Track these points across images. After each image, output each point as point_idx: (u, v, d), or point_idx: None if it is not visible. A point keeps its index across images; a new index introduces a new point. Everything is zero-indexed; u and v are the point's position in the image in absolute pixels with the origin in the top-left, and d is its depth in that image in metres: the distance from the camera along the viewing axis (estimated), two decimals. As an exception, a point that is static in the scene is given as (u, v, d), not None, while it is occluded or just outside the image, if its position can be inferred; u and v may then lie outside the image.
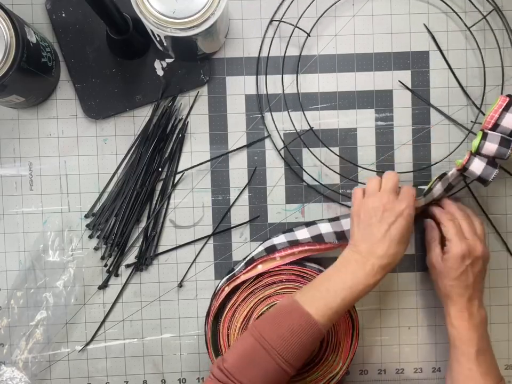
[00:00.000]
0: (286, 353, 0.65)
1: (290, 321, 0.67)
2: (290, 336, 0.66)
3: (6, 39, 0.67)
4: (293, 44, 0.82)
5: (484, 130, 0.75)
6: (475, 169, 0.75)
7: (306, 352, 0.67)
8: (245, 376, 0.65)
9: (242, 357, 0.66)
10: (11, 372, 0.81)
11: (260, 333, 0.67)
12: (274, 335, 0.66)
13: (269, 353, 0.65)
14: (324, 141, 0.83)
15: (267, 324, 0.68)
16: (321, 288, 0.69)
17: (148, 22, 0.68)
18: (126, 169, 0.82)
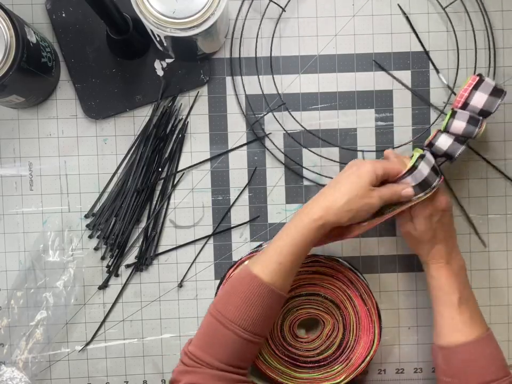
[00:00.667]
0: (243, 321, 0.65)
1: (241, 288, 0.66)
2: (243, 303, 0.65)
3: (6, 39, 0.67)
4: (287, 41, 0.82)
5: (454, 109, 0.74)
6: (441, 145, 0.73)
7: (267, 316, 0.67)
8: (208, 354, 0.65)
9: (202, 336, 0.67)
10: (11, 372, 0.81)
11: (216, 308, 0.67)
12: (228, 307, 0.66)
13: (226, 326, 0.65)
14: (323, 141, 0.83)
15: (222, 297, 0.68)
16: (269, 247, 0.68)
17: (147, 22, 0.68)
18: (126, 169, 0.82)
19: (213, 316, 0.67)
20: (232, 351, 0.66)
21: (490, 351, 0.72)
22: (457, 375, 0.71)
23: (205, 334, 0.67)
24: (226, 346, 0.66)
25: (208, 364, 0.65)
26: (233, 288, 0.67)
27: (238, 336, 0.65)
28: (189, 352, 0.66)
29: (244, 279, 0.67)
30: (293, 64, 0.82)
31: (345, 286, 0.78)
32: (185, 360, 0.67)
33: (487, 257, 0.84)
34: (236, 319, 0.65)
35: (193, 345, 0.67)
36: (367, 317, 0.78)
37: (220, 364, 0.65)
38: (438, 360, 0.74)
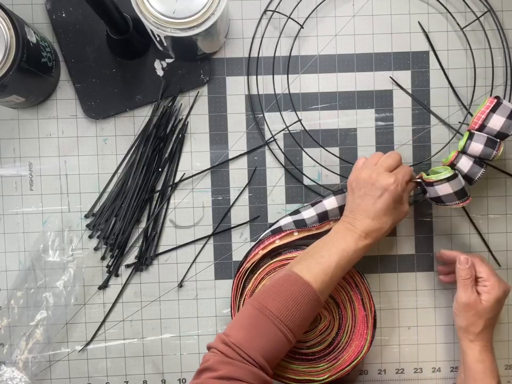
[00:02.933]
0: (289, 321, 0.66)
1: (289, 290, 0.68)
2: (292, 304, 0.67)
3: (6, 39, 0.67)
4: (289, 42, 0.82)
5: (471, 130, 0.75)
6: (462, 167, 0.75)
7: (306, 320, 0.69)
8: (252, 347, 0.65)
9: (246, 328, 0.66)
10: (11, 372, 0.81)
11: (262, 303, 0.67)
12: (276, 304, 0.67)
13: (273, 322, 0.66)
14: (324, 141, 0.83)
15: (267, 294, 0.68)
16: (316, 256, 0.71)
17: (147, 22, 0.68)
18: (126, 169, 0.82)
19: (260, 310, 0.67)
20: (274, 347, 0.66)
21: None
22: None
23: (249, 327, 0.67)
24: (270, 343, 0.66)
25: (251, 358, 0.65)
26: (282, 289, 0.68)
27: (283, 334, 0.66)
28: (231, 343, 0.65)
29: (294, 282, 0.68)
30: (292, 64, 0.82)
31: (349, 287, 0.78)
32: (226, 351, 0.65)
33: (487, 257, 0.84)
34: (284, 318, 0.66)
35: (235, 337, 0.66)
36: (363, 322, 0.78)
37: (262, 360, 0.65)
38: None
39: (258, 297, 0.69)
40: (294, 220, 0.80)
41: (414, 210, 0.84)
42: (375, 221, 0.72)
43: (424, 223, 0.84)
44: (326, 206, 0.79)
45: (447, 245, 0.84)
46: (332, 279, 0.70)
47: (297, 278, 0.69)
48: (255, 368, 0.65)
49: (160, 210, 0.83)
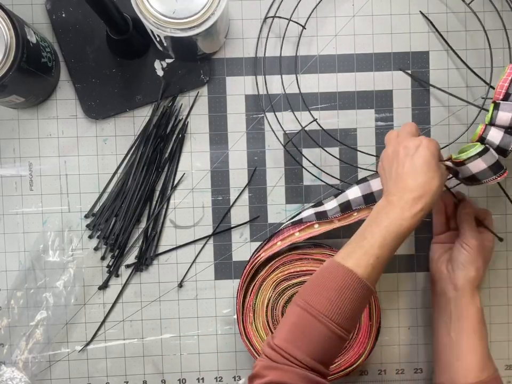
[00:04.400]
0: (336, 316, 0.61)
1: (333, 281, 0.62)
2: (336, 297, 0.62)
3: (6, 39, 0.67)
4: (291, 41, 0.82)
5: (496, 101, 0.70)
6: (493, 139, 0.70)
7: (357, 312, 0.63)
8: (298, 349, 0.61)
9: (291, 329, 0.62)
10: (11, 372, 0.81)
11: (305, 300, 0.63)
12: (320, 299, 0.62)
13: (318, 319, 0.61)
14: (323, 141, 0.83)
15: (310, 289, 0.64)
16: (358, 239, 0.65)
17: (147, 22, 0.68)
18: (126, 169, 0.82)
19: (303, 308, 0.62)
20: (323, 346, 0.62)
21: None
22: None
23: (293, 328, 0.62)
24: (317, 341, 0.61)
25: (298, 360, 0.61)
26: (324, 282, 0.63)
27: (330, 330, 0.61)
28: (275, 345, 0.61)
29: (336, 272, 0.63)
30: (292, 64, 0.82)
31: None
32: (271, 355, 0.62)
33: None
34: (329, 313, 0.61)
35: (279, 339, 0.62)
36: (366, 331, 0.78)
37: (310, 360, 0.61)
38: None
39: (302, 293, 0.64)
40: (315, 211, 0.78)
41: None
42: (419, 179, 0.64)
43: (424, 223, 0.84)
44: (348, 196, 0.77)
45: (447, 245, 0.84)
46: (380, 260, 0.63)
47: (337, 266, 0.63)
48: (305, 370, 0.61)
49: (160, 210, 0.83)
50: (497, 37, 0.81)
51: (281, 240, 0.78)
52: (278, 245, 0.78)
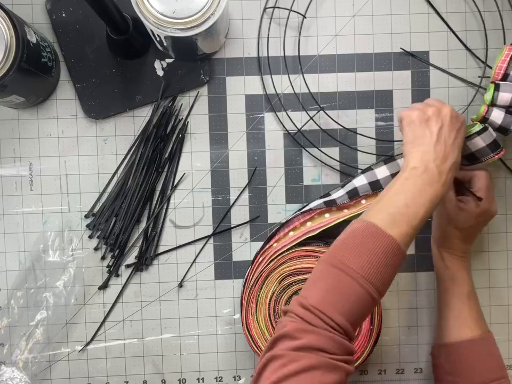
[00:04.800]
0: (374, 279, 0.59)
1: (374, 246, 0.60)
2: (376, 260, 0.60)
3: (6, 39, 0.67)
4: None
5: (495, 82, 0.74)
6: (495, 119, 0.74)
7: (392, 276, 0.62)
8: (336, 310, 0.58)
9: (327, 289, 0.59)
10: (11, 372, 0.81)
11: (341, 261, 0.60)
12: (358, 261, 0.60)
13: (357, 281, 0.59)
14: (323, 141, 0.83)
15: (346, 251, 0.61)
16: (399, 205, 0.63)
17: (147, 22, 0.68)
18: (126, 169, 0.82)
19: (340, 269, 0.60)
20: (358, 309, 0.60)
21: (494, 350, 0.73)
22: (460, 372, 0.71)
23: (330, 288, 0.59)
24: (355, 304, 0.59)
25: (335, 322, 0.58)
26: (364, 244, 0.61)
27: (368, 294, 0.59)
28: (311, 306, 0.58)
29: (377, 238, 0.61)
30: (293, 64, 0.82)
31: None
32: (305, 315, 0.58)
33: (487, 257, 0.84)
34: (370, 277, 0.59)
35: (315, 299, 0.59)
36: (366, 335, 0.78)
37: (346, 323, 0.58)
38: (440, 359, 0.74)
39: (336, 254, 0.61)
40: (324, 201, 0.80)
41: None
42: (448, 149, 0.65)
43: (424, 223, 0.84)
44: (355, 184, 0.79)
45: (447, 245, 0.84)
46: (416, 231, 0.63)
47: (379, 231, 0.61)
48: (339, 335, 0.58)
49: (160, 210, 0.83)
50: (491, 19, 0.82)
51: (293, 230, 0.79)
52: (290, 236, 0.79)
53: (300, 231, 0.79)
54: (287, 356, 0.56)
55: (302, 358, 0.56)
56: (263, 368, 0.57)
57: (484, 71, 0.82)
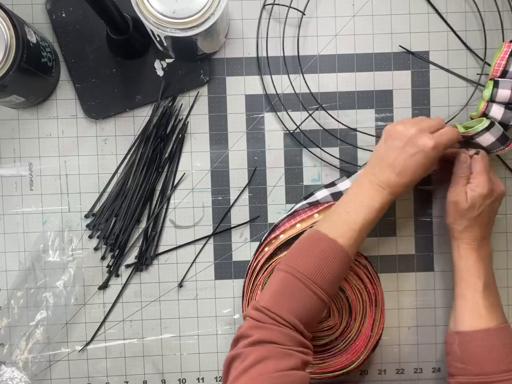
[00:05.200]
0: (320, 280, 0.66)
1: (318, 249, 0.67)
2: (321, 263, 0.67)
3: (6, 39, 0.67)
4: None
5: (494, 78, 0.75)
6: (495, 115, 0.75)
7: (338, 278, 0.68)
8: (284, 309, 0.65)
9: (277, 291, 0.66)
10: (11, 372, 0.81)
11: (290, 265, 0.67)
12: (305, 264, 0.67)
13: (303, 282, 0.66)
14: (323, 141, 0.83)
15: (295, 256, 0.68)
16: (341, 214, 0.70)
17: (147, 22, 0.68)
18: (126, 169, 0.82)
19: (289, 272, 0.67)
20: (306, 307, 0.66)
21: (509, 341, 0.72)
22: (473, 361, 0.71)
23: (279, 290, 0.66)
24: (302, 302, 0.66)
25: (283, 318, 0.64)
26: (309, 249, 0.68)
27: (314, 293, 0.66)
28: (261, 307, 0.65)
29: (320, 242, 0.68)
30: (293, 64, 0.82)
31: (369, 303, 0.79)
32: (256, 316, 0.65)
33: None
34: (314, 277, 0.66)
35: (265, 301, 0.66)
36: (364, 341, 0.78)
37: (294, 319, 0.65)
38: (453, 347, 0.74)
39: (287, 260, 0.68)
40: (330, 192, 0.80)
41: (414, 210, 0.84)
42: (401, 178, 0.70)
43: (424, 223, 0.84)
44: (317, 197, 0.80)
45: (447, 245, 0.84)
46: (361, 234, 0.69)
47: (323, 236, 0.68)
48: (288, 329, 0.64)
49: (160, 210, 0.83)
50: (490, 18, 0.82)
51: (300, 222, 0.79)
52: (298, 227, 0.78)
53: (307, 224, 0.79)
54: (244, 353, 0.62)
55: (254, 351, 0.62)
56: (227, 368, 0.63)
57: (483, 69, 0.82)
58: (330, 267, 0.67)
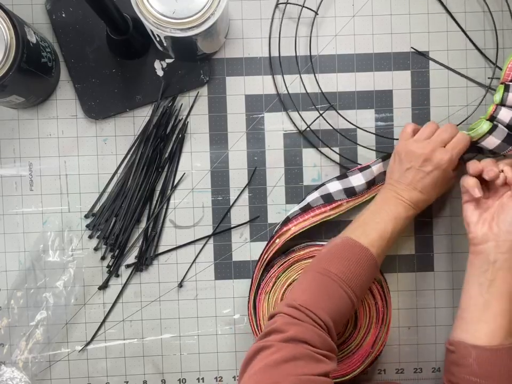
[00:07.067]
0: (354, 284, 0.69)
1: (352, 255, 0.70)
2: (355, 268, 0.69)
3: (6, 39, 0.67)
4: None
5: (505, 82, 0.75)
6: (503, 118, 0.75)
7: (367, 284, 0.72)
8: (321, 309, 0.66)
9: (312, 291, 0.68)
10: (11, 372, 0.81)
11: (325, 268, 0.69)
12: (340, 268, 0.69)
13: (339, 284, 0.68)
14: (323, 141, 0.83)
15: (329, 260, 0.70)
16: (371, 223, 0.73)
17: (147, 22, 0.68)
18: (126, 169, 0.82)
19: (324, 275, 0.68)
20: (340, 308, 0.68)
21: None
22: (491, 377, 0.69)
23: (316, 290, 0.68)
24: (337, 304, 0.67)
25: (320, 318, 0.65)
26: (343, 254, 0.70)
27: (348, 295, 0.68)
28: (298, 304, 0.66)
29: (354, 248, 0.71)
30: (292, 64, 0.82)
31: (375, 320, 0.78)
32: (293, 313, 0.66)
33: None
34: (348, 280, 0.68)
35: (303, 300, 0.67)
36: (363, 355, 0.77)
37: (329, 320, 0.66)
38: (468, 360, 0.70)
39: (320, 263, 0.70)
40: (344, 188, 0.80)
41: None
42: (423, 194, 0.74)
43: (424, 223, 0.84)
44: (374, 172, 0.80)
45: (447, 245, 0.84)
46: (388, 244, 0.72)
47: (355, 243, 0.71)
48: (322, 331, 0.65)
49: (160, 210, 0.83)
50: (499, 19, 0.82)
51: (313, 216, 0.79)
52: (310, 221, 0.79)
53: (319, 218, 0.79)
54: (275, 346, 0.62)
55: (287, 348, 0.62)
56: (253, 355, 0.63)
57: (494, 72, 0.82)
58: (362, 273, 0.69)
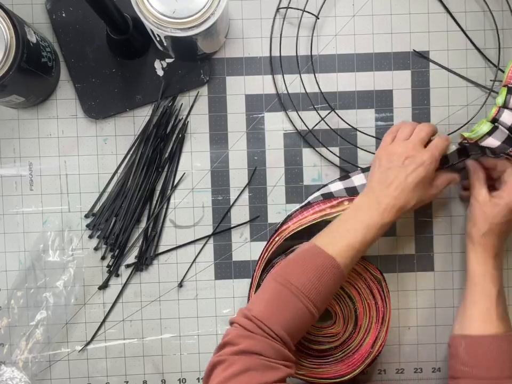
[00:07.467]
0: (313, 295, 0.66)
1: (314, 265, 0.68)
2: (316, 279, 0.67)
3: (6, 39, 0.67)
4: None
5: (508, 85, 0.75)
6: (505, 120, 0.75)
7: (330, 295, 0.69)
8: (275, 322, 0.65)
9: (269, 303, 0.66)
10: (11, 372, 0.81)
11: (285, 277, 0.67)
12: (300, 278, 0.67)
13: (297, 296, 0.66)
14: (323, 141, 0.83)
15: (290, 269, 0.68)
16: (340, 230, 0.71)
17: (147, 22, 0.68)
18: (126, 169, 0.82)
19: (283, 285, 0.67)
20: (296, 321, 0.66)
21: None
22: (479, 365, 0.72)
23: (272, 301, 0.67)
24: (293, 316, 0.66)
25: (273, 331, 0.64)
26: (306, 263, 0.68)
27: (306, 307, 0.66)
28: (253, 317, 0.65)
29: (318, 256, 0.68)
30: (292, 64, 0.82)
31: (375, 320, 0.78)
32: (247, 325, 0.65)
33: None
34: (308, 292, 0.66)
35: (257, 311, 0.66)
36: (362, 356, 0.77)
37: (284, 333, 0.65)
38: (458, 350, 0.74)
39: (281, 271, 0.69)
40: (345, 187, 0.79)
41: (414, 210, 0.84)
42: (401, 198, 0.71)
43: (424, 223, 0.84)
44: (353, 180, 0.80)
45: (447, 245, 0.84)
46: (358, 253, 0.70)
47: (320, 251, 0.69)
48: (276, 343, 0.64)
49: (160, 210, 0.83)
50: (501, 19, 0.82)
51: (312, 214, 0.79)
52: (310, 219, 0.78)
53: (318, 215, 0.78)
54: (228, 360, 0.62)
55: (240, 360, 0.62)
56: (209, 373, 0.63)
57: (496, 75, 0.82)
58: (325, 283, 0.67)
